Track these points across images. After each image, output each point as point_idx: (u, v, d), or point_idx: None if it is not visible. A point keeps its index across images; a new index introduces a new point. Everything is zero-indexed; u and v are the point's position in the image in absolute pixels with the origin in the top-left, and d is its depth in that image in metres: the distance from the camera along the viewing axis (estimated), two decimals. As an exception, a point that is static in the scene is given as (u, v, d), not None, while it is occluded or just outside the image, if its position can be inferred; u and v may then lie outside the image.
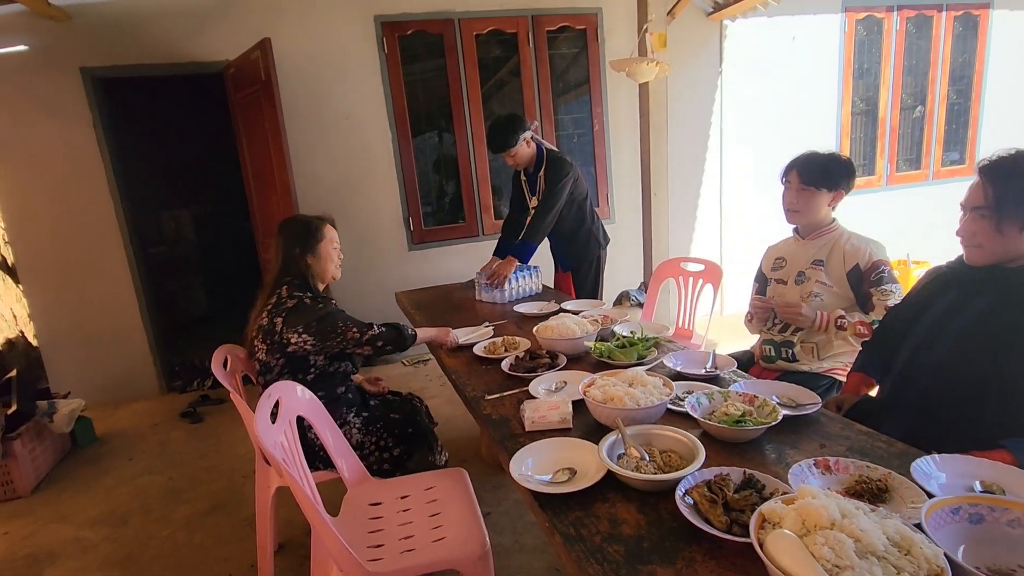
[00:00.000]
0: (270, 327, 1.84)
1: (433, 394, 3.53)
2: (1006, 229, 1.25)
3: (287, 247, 1.95)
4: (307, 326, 1.82)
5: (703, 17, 4.39)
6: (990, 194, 1.26)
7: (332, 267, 2.02)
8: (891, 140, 5.00)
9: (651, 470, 1.09)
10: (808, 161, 1.90)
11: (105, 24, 3.44)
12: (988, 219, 1.27)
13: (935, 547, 0.75)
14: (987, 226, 1.27)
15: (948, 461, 1.04)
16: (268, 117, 3.35)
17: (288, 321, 1.82)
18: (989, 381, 1.26)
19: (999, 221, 1.25)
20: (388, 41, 3.86)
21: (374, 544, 1.44)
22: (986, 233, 1.28)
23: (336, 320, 1.85)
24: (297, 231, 1.98)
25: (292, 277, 1.93)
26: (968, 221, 1.31)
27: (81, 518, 2.51)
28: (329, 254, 2.00)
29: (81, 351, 3.72)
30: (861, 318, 1.79)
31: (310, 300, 1.88)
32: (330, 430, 1.69)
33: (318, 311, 1.85)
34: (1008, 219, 1.24)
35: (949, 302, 1.41)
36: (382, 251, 4.13)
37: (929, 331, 1.43)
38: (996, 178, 1.26)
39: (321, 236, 1.98)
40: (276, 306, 1.86)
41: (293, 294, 1.88)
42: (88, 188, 3.57)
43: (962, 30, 4.95)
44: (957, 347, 1.34)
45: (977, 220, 1.29)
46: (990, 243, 1.28)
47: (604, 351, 1.74)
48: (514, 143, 2.74)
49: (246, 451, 2.96)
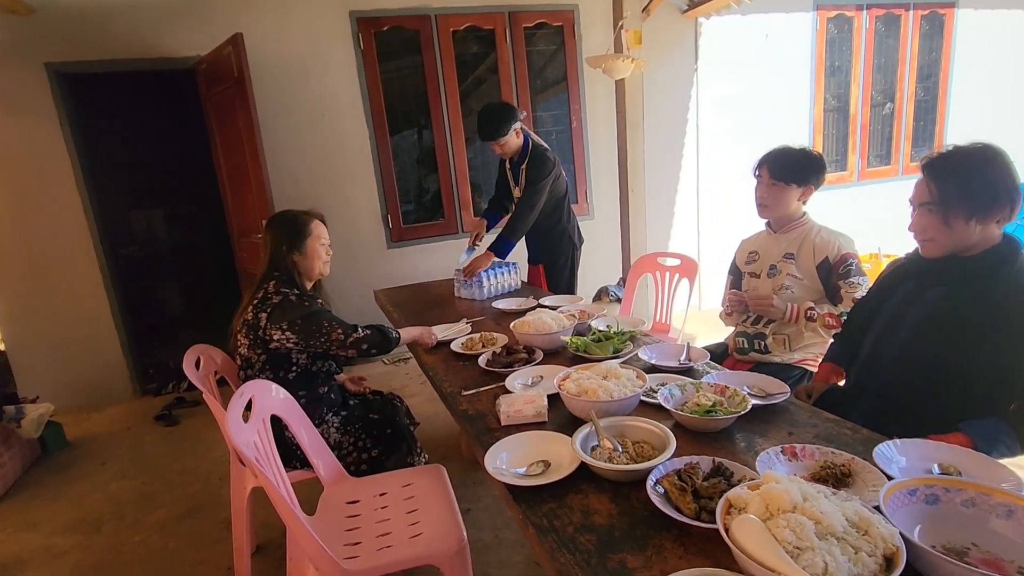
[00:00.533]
0: (254, 322, 1.83)
1: (414, 392, 3.52)
2: (952, 221, 1.30)
3: (275, 244, 1.93)
4: (291, 324, 1.80)
5: (678, 14, 4.43)
6: (934, 190, 1.31)
7: (320, 264, 1.99)
8: (862, 136, 5.11)
9: (624, 461, 1.10)
10: (778, 156, 1.94)
11: (70, 18, 3.35)
12: (935, 213, 1.32)
13: (891, 527, 0.77)
14: (935, 220, 1.32)
15: (908, 446, 1.08)
16: (241, 114, 3.30)
17: (272, 317, 1.81)
18: (946, 367, 1.31)
19: (945, 214, 1.30)
20: (364, 37, 3.83)
21: (351, 542, 1.44)
22: (935, 227, 1.33)
23: (321, 319, 1.83)
24: (284, 228, 1.95)
25: (280, 273, 1.91)
26: (918, 216, 1.37)
27: (51, 525, 2.45)
28: (316, 251, 1.97)
29: (50, 354, 3.63)
30: (830, 310, 1.84)
31: (295, 298, 1.86)
32: (306, 429, 1.67)
33: (303, 309, 1.83)
34: (953, 212, 1.29)
35: (908, 292, 1.46)
36: (361, 249, 4.10)
37: (890, 321, 1.47)
38: (938, 174, 1.31)
39: (308, 233, 1.95)
40: (262, 301, 1.85)
41: (280, 290, 1.86)
42: (55, 188, 3.48)
43: (929, 29, 5.07)
44: (916, 335, 1.39)
45: (926, 215, 1.35)
46: (940, 236, 1.34)
47: (580, 345, 1.75)
48: (505, 132, 2.72)
49: (222, 453, 2.92)
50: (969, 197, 1.27)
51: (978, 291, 1.30)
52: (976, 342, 1.27)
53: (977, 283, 1.31)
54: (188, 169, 5.73)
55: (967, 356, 1.28)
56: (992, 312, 1.26)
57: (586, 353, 1.73)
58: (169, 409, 3.56)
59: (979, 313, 1.28)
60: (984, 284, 1.30)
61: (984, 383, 1.27)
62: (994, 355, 1.25)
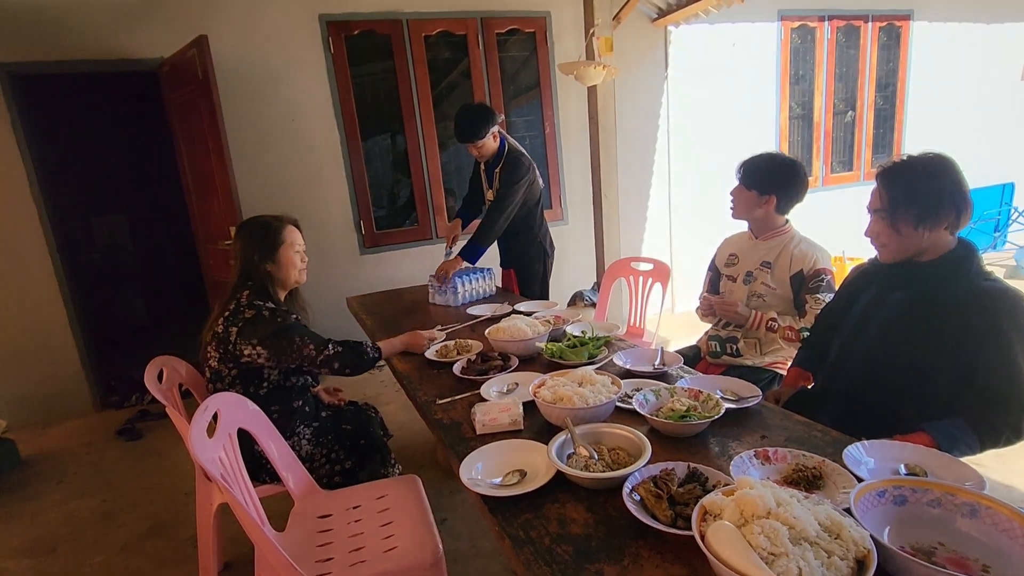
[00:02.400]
0: (224, 335, 1.76)
1: (388, 400, 3.47)
2: (902, 227, 1.35)
3: (246, 253, 1.84)
4: (262, 340, 1.74)
5: (648, 23, 4.50)
6: (885, 197, 1.37)
7: (295, 272, 1.90)
8: (826, 143, 5.27)
9: (600, 468, 1.09)
10: (747, 162, 1.97)
11: (25, 17, 3.20)
12: (885, 220, 1.37)
13: (862, 530, 0.78)
14: (886, 226, 1.37)
15: (876, 447, 1.10)
16: (206, 118, 3.21)
17: (243, 332, 1.74)
18: (909, 370, 1.35)
19: (894, 220, 1.35)
20: (334, 41, 3.78)
21: (323, 558, 1.40)
22: (887, 233, 1.38)
23: (293, 335, 1.76)
24: (255, 236, 1.86)
25: (253, 283, 1.83)
26: (872, 223, 1.42)
27: (2, 548, 2.33)
28: (291, 260, 1.88)
29: (3, 368, 3.45)
30: (791, 323, 1.87)
31: (268, 312, 1.78)
32: (275, 442, 1.63)
33: (275, 324, 1.76)
34: (902, 218, 1.34)
35: (871, 296, 1.51)
36: (333, 255, 4.02)
37: (855, 325, 1.51)
38: (889, 182, 1.37)
39: (281, 241, 1.87)
40: (233, 314, 1.77)
41: (253, 303, 1.78)
42: (6, 193, 3.32)
43: (886, 40, 5.27)
44: (880, 339, 1.43)
45: (879, 222, 1.39)
46: (892, 241, 1.38)
47: (555, 351, 1.75)
48: (482, 135, 2.70)
49: (188, 468, 2.82)
50: (916, 203, 1.32)
51: (937, 294, 1.34)
52: (937, 344, 1.31)
53: (936, 286, 1.35)
54: (152, 174, 5.55)
55: (929, 358, 1.32)
56: (951, 315, 1.30)
57: (561, 359, 1.72)
58: (132, 423, 3.43)
59: (939, 316, 1.32)
60: (943, 287, 1.34)
61: (946, 384, 1.31)
62: (954, 357, 1.29)
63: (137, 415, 3.54)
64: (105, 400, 3.76)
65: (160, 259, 5.79)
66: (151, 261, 5.77)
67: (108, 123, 5.45)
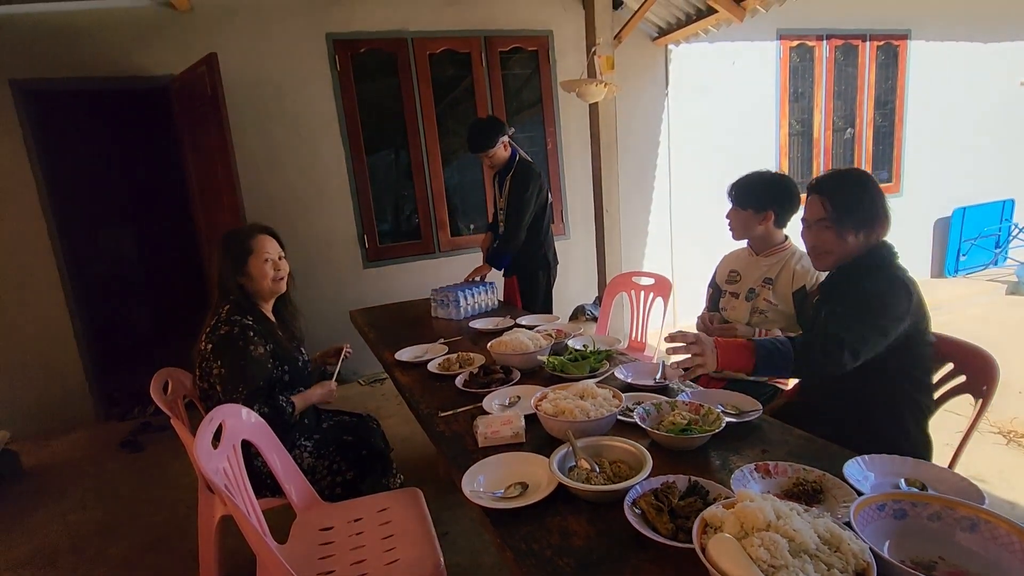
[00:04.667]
0: (204, 350, 1.76)
1: (390, 413, 3.47)
2: (846, 234, 1.47)
3: (219, 267, 1.83)
4: (220, 367, 1.70)
5: (648, 41, 4.58)
6: (828, 207, 1.48)
7: (267, 283, 1.83)
8: (825, 160, 5.31)
9: (601, 481, 1.10)
10: (740, 182, 2.00)
11: (37, 35, 3.28)
12: (832, 228, 1.47)
13: (862, 543, 0.79)
14: (830, 234, 1.48)
15: (876, 461, 1.11)
16: (215, 134, 3.26)
17: (216, 350, 1.72)
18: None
19: (841, 229, 1.46)
20: (341, 59, 3.85)
21: (324, 571, 1.40)
22: (830, 240, 1.49)
23: (238, 383, 1.68)
24: (225, 249, 1.83)
25: (234, 296, 1.82)
26: (814, 233, 1.52)
27: (3, 561, 2.32)
28: (261, 271, 1.82)
29: (6, 379, 3.47)
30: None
31: (239, 331, 1.72)
32: (278, 454, 1.63)
33: (238, 356, 1.69)
34: (847, 226, 1.46)
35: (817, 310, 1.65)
36: (337, 269, 4.06)
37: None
38: (829, 193, 1.49)
39: (248, 251, 1.81)
40: (213, 329, 1.77)
41: (231, 318, 1.75)
42: (16, 206, 3.37)
43: (884, 58, 5.33)
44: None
45: (823, 231, 1.50)
46: (837, 248, 1.49)
47: (557, 365, 1.76)
48: (493, 144, 2.88)
49: (191, 480, 2.81)
50: (857, 211, 1.45)
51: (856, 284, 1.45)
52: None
53: (856, 279, 1.46)
54: (159, 188, 5.61)
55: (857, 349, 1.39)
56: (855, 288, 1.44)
57: (563, 372, 1.73)
58: (135, 435, 3.43)
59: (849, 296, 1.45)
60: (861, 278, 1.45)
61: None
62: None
63: (139, 427, 3.55)
64: (108, 412, 3.77)
65: (166, 272, 5.81)
66: (158, 273, 5.80)
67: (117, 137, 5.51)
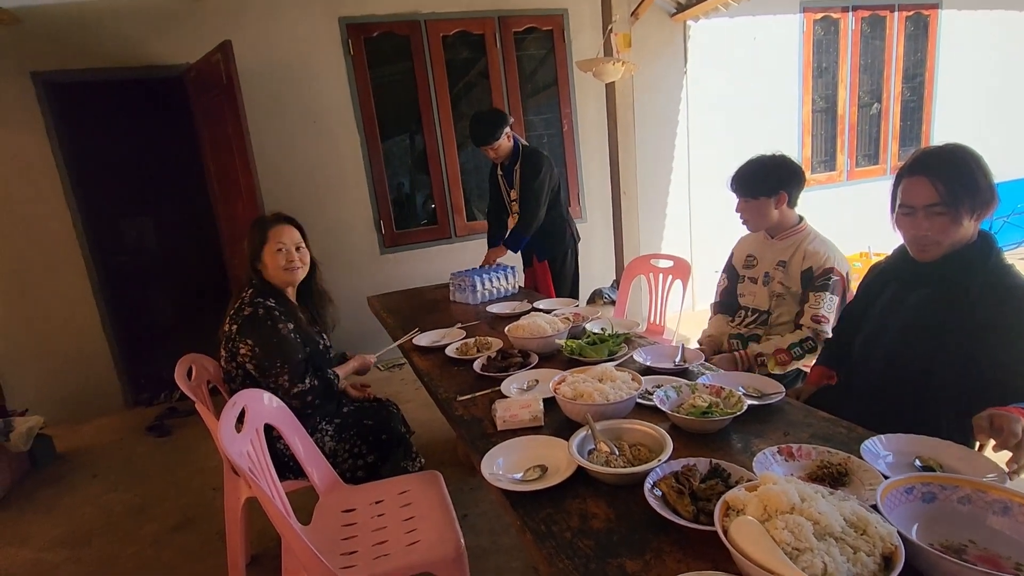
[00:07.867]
0: (229, 332, 1.81)
1: (408, 398, 3.50)
2: (962, 219, 1.27)
3: (247, 252, 1.91)
4: (252, 348, 1.76)
5: (667, 18, 4.46)
6: (941, 190, 1.26)
7: (280, 272, 1.88)
8: (850, 136, 5.16)
9: (621, 464, 1.10)
10: (741, 174, 1.95)
11: (57, 27, 3.32)
12: (946, 214, 1.27)
13: (889, 526, 0.77)
14: (944, 221, 1.28)
15: (892, 440, 1.10)
16: (231, 121, 3.28)
17: (241, 330, 1.77)
18: (930, 367, 1.32)
19: (957, 213, 1.27)
20: (354, 43, 3.82)
21: (347, 551, 1.42)
22: (943, 228, 1.28)
23: (275, 359, 1.75)
24: (249, 236, 1.92)
25: (256, 281, 1.89)
26: (921, 220, 1.31)
27: (41, 540, 2.42)
28: (274, 260, 1.86)
29: (39, 366, 3.58)
30: (778, 346, 1.84)
31: (264, 312, 1.78)
32: (300, 437, 1.66)
33: (268, 336, 1.76)
34: (964, 210, 1.26)
35: (891, 295, 1.48)
36: (354, 255, 4.08)
37: (876, 325, 1.50)
38: (940, 173, 1.27)
39: (264, 240, 1.87)
40: (237, 311, 1.82)
41: (254, 300, 1.82)
42: (43, 198, 3.44)
43: (913, 29, 5.13)
44: (900, 340, 1.41)
45: (934, 217, 1.29)
46: (948, 236, 1.29)
47: (575, 348, 1.75)
48: (498, 137, 2.87)
49: (216, 463, 2.89)
50: (976, 192, 1.25)
51: (955, 292, 1.30)
52: (953, 343, 1.28)
53: (954, 282, 1.31)
54: (178, 176, 5.68)
55: (947, 358, 1.29)
56: (967, 313, 1.27)
57: (581, 356, 1.72)
58: (161, 420, 3.52)
59: (957, 315, 1.29)
60: (960, 283, 1.30)
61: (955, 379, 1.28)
62: (967, 353, 1.26)
63: (166, 412, 3.64)
64: (136, 397, 3.87)
65: (186, 259, 5.91)
66: (178, 261, 5.90)
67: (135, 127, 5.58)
